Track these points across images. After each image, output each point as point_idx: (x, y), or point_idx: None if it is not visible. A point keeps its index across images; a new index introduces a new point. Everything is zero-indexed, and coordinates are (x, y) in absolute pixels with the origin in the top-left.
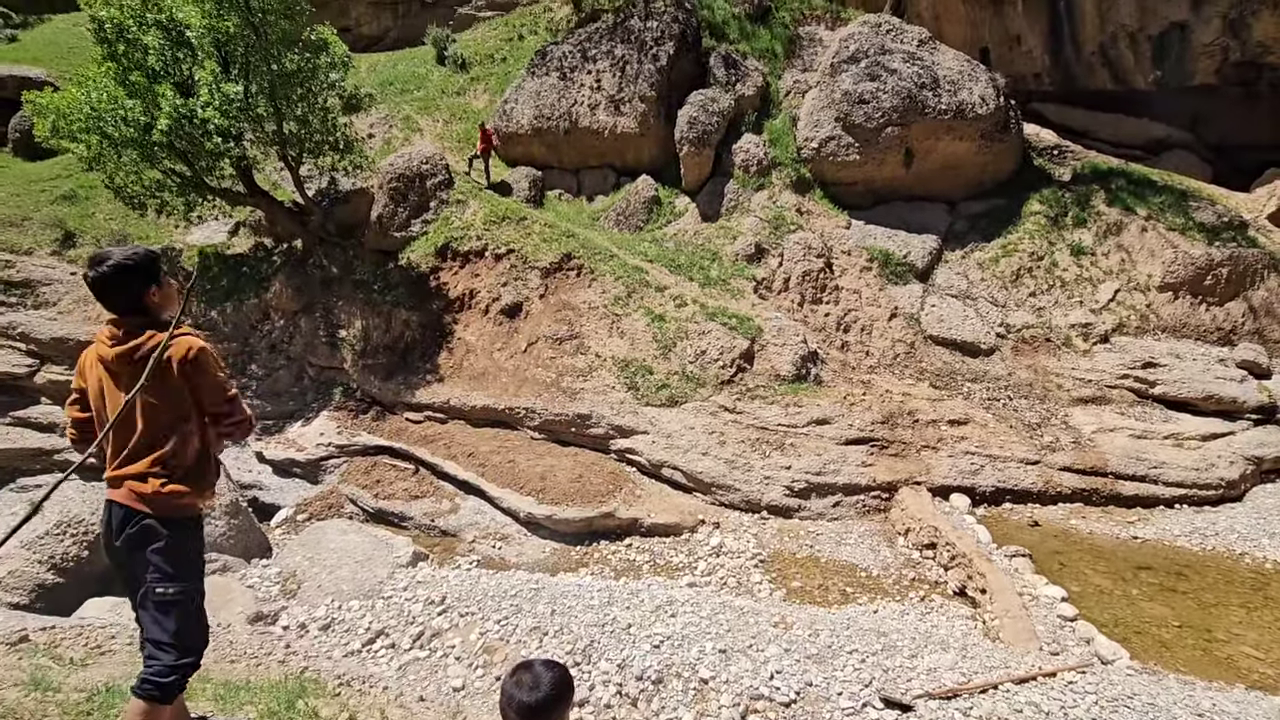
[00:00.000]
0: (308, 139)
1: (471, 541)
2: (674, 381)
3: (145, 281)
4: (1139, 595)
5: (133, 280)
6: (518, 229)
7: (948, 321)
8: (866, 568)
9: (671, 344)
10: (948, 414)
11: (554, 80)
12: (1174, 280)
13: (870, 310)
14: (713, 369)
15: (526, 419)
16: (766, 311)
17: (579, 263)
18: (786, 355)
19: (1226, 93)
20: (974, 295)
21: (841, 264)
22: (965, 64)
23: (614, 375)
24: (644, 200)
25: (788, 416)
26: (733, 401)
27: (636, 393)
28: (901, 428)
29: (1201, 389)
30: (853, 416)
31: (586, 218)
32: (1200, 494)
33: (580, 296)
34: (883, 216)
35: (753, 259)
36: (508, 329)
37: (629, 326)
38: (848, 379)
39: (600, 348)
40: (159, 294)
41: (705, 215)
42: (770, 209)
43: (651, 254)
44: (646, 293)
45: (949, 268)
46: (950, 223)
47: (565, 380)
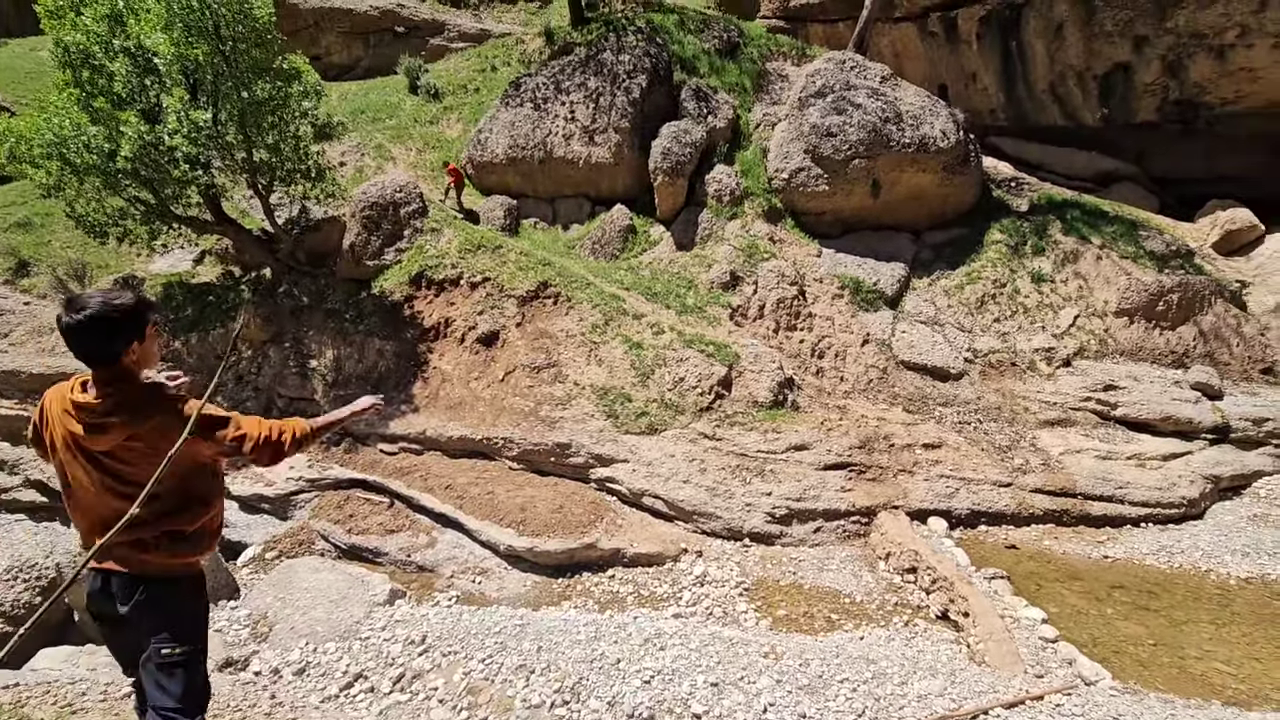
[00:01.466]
0: (279, 167)
1: (450, 576)
2: (653, 409)
3: (125, 337)
4: (1114, 614)
5: (110, 333)
6: (493, 257)
7: (918, 347)
8: (850, 593)
9: (650, 371)
10: (922, 438)
11: (528, 111)
12: (1129, 306)
13: (843, 336)
14: (691, 396)
15: (505, 449)
16: (743, 338)
17: (556, 291)
18: (764, 382)
19: (1167, 129)
20: (941, 321)
21: (814, 291)
22: (926, 99)
23: (593, 403)
24: (619, 229)
25: (767, 443)
26: (712, 428)
27: (616, 421)
28: (878, 452)
29: (1160, 410)
30: (830, 442)
31: (562, 246)
32: (1164, 513)
33: (558, 325)
34: (852, 245)
35: (728, 287)
36: (484, 358)
37: (607, 354)
38: (824, 404)
39: (579, 376)
40: (138, 350)
41: (680, 244)
42: (744, 238)
43: (628, 282)
44: (624, 320)
45: (917, 295)
46: (916, 251)
47: (544, 409)
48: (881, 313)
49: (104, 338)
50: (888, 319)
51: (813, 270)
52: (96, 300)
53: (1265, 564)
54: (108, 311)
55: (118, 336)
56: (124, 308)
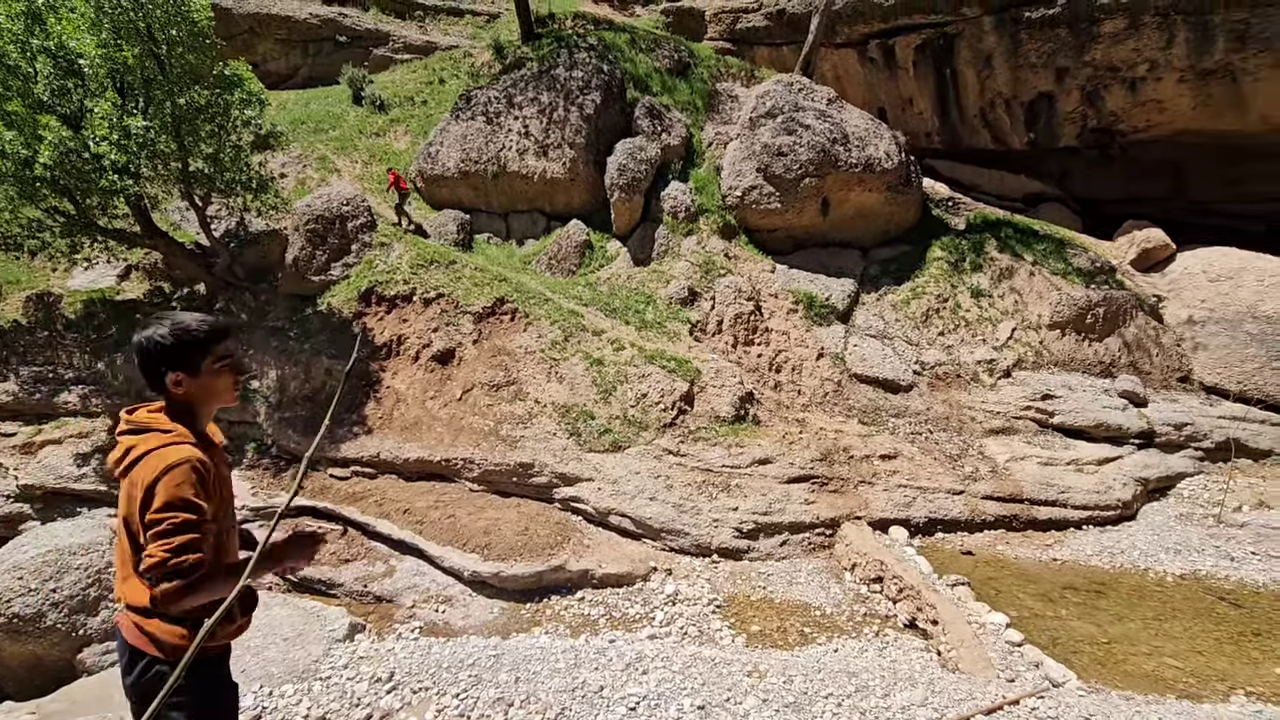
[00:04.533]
0: (218, 177)
1: (411, 606)
2: (616, 426)
3: (163, 365)
4: (1068, 615)
5: (149, 363)
6: (447, 273)
7: (869, 360)
8: (820, 605)
9: (612, 388)
10: (878, 449)
11: (480, 124)
12: (1060, 319)
13: (799, 350)
14: (654, 412)
15: (465, 470)
16: (703, 353)
17: (513, 307)
18: (725, 396)
19: (1087, 154)
20: (890, 335)
21: (770, 306)
22: (870, 122)
23: (555, 421)
24: (575, 244)
25: (731, 457)
26: (676, 444)
27: (579, 439)
28: (838, 464)
29: (1093, 417)
30: (792, 455)
31: (518, 261)
32: (1102, 515)
33: (516, 341)
34: (804, 261)
35: (686, 302)
36: (440, 376)
37: (568, 371)
38: (783, 418)
39: (539, 393)
40: (188, 383)
41: (637, 259)
42: (700, 254)
43: (586, 298)
44: (584, 337)
45: (866, 309)
46: (864, 267)
47: (504, 428)
48: (834, 327)
49: (144, 364)
50: (840, 333)
51: (768, 286)
52: (151, 328)
53: (1195, 560)
54: (145, 343)
55: (152, 364)
56: (158, 340)
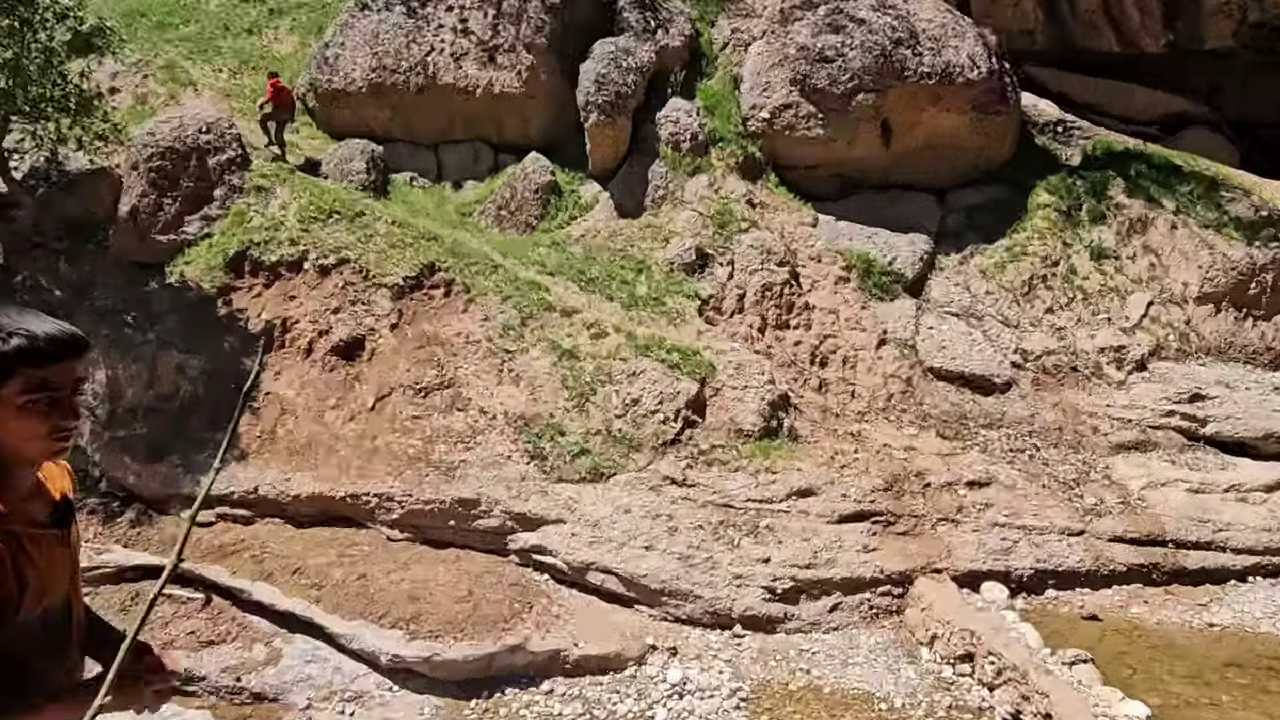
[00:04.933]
0: (18, 93)
1: (306, 709)
2: (596, 445)
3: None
4: (1231, 703)
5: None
6: (353, 229)
7: (951, 349)
8: (886, 695)
9: (589, 391)
10: (965, 473)
11: (398, 18)
12: (1213, 290)
13: (852, 336)
14: (650, 425)
15: (381, 510)
16: (718, 341)
17: (448, 278)
18: (750, 402)
19: (1245, 60)
20: (979, 313)
21: (810, 274)
22: (948, 15)
23: (509, 439)
24: (536, 188)
25: (759, 487)
26: (681, 470)
27: (544, 464)
28: (909, 495)
29: (1260, 427)
30: (845, 483)
31: (453, 212)
32: (1276, 561)
33: (453, 326)
34: (857, 210)
35: (693, 269)
36: (344, 376)
37: (527, 368)
38: (832, 430)
39: (486, 400)
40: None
41: (624, 209)
42: (712, 200)
43: (552, 263)
44: (549, 319)
45: (945, 277)
46: (942, 218)
47: (437, 450)
48: (901, 302)
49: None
50: (909, 311)
51: (807, 245)
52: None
53: None
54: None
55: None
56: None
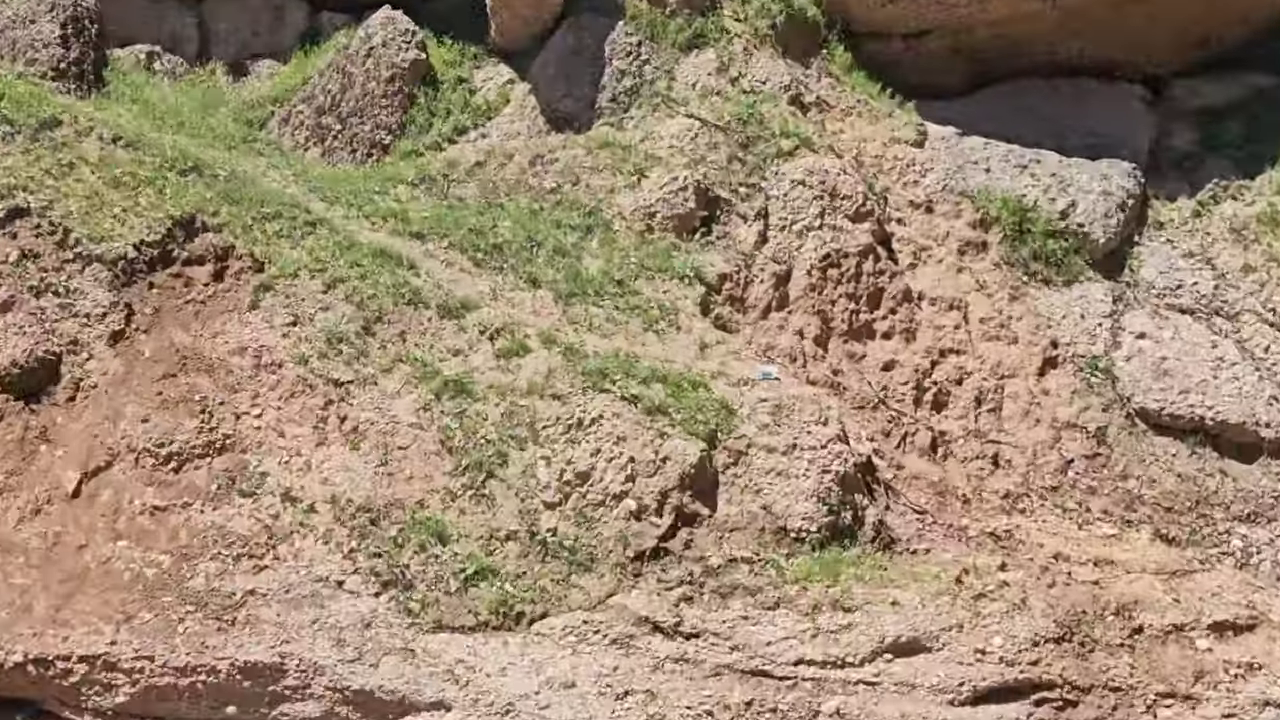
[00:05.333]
0: None
1: None
2: (508, 560)
3: None
4: None
5: None
6: (36, 153)
7: (1180, 375)
8: None
9: (494, 459)
10: (1208, 608)
11: None
12: None
13: (993, 351)
14: (612, 522)
15: (94, 687)
16: (738, 362)
17: (221, 243)
18: (801, 476)
19: None
20: (1233, 308)
21: (914, 235)
22: None
23: (340, 551)
24: (391, 73)
25: (820, 639)
26: (671, 606)
27: (407, 596)
28: (1104, 649)
29: None
30: (983, 628)
31: (230, 120)
32: None
33: (231, 336)
34: (999, 117)
35: (692, 228)
36: (20, 433)
37: (374, 414)
38: (957, 529)
39: (296, 476)
40: None
41: (557, 114)
42: (727, 98)
43: (422, 217)
44: (415, 321)
45: (1167, 241)
46: (1158, 129)
47: (202, 571)
48: (1084, 288)
49: None
50: (1099, 302)
51: (906, 179)
52: None
53: None
54: None
55: None
56: None
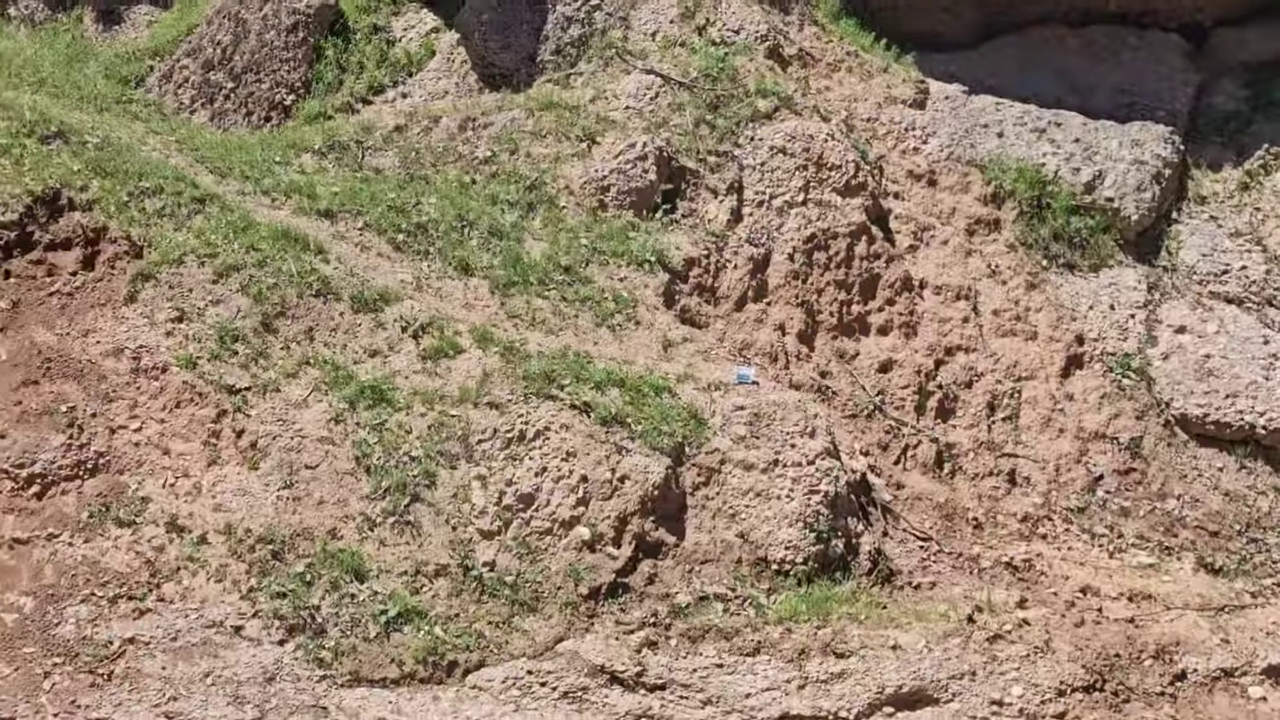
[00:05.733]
0: None
1: None
2: (438, 600)
3: None
4: None
5: None
6: None
7: (1225, 375)
8: None
9: (420, 479)
10: (1260, 650)
11: None
12: None
13: (1009, 348)
14: (560, 553)
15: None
16: (709, 363)
17: (91, 223)
18: (785, 498)
19: None
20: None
21: (914, 211)
22: None
23: (238, 589)
24: (294, 20)
25: (806, 692)
26: (630, 653)
27: (319, 644)
28: (1139, 699)
29: None
30: (1000, 674)
31: (99, 76)
32: None
33: (104, 334)
34: (1013, 70)
35: (649, 202)
36: None
37: (276, 426)
38: (967, 558)
39: (183, 501)
40: None
41: (490, 68)
42: (694, 49)
43: (331, 191)
44: (324, 315)
45: (1210, 218)
46: (1199, 88)
47: (71, 616)
48: (1115, 274)
49: None
50: (1133, 290)
51: (905, 148)
52: None
53: None
54: None
55: None
56: None
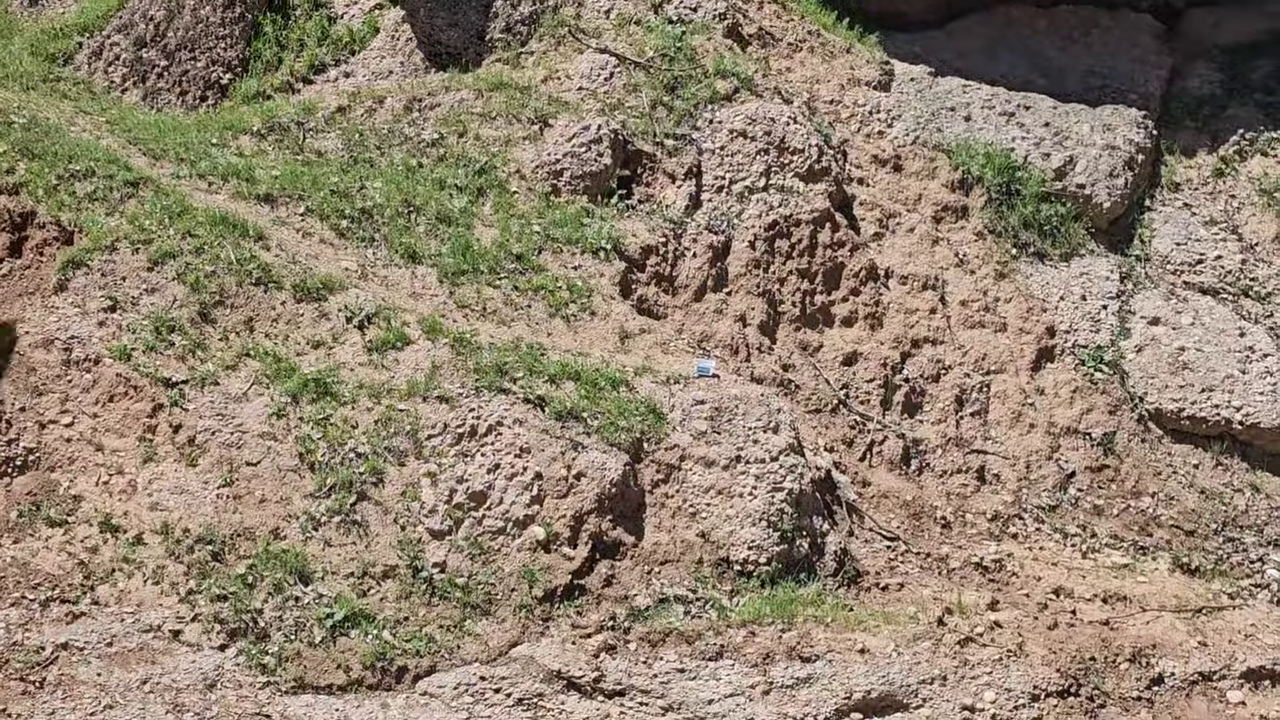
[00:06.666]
0: None
1: None
2: (386, 604)
3: None
4: None
5: None
6: None
7: (1200, 368)
8: None
9: (366, 476)
10: (1239, 653)
11: None
12: None
13: (977, 340)
14: (514, 554)
15: None
16: (667, 355)
17: (18, 208)
18: (747, 496)
19: None
20: (1265, 287)
21: (878, 197)
22: None
23: (175, 591)
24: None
25: (771, 698)
26: (587, 658)
27: (261, 649)
28: (1115, 704)
29: None
30: (971, 679)
31: (25, 53)
32: None
33: (31, 324)
34: (981, 51)
35: (603, 189)
36: None
37: (215, 422)
38: (937, 558)
39: (116, 500)
40: None
41: (437, 46)
42: (650, 27)
43: (271, 175)
44: (265, 305)
45: (1184, 204)
46: (1171, 67)
47: (0, 620)
48: (1085, 263)
49: None
50: (1105, 280)
51: (869, 131)
52: None
53: None
54: None
55: None
56: None
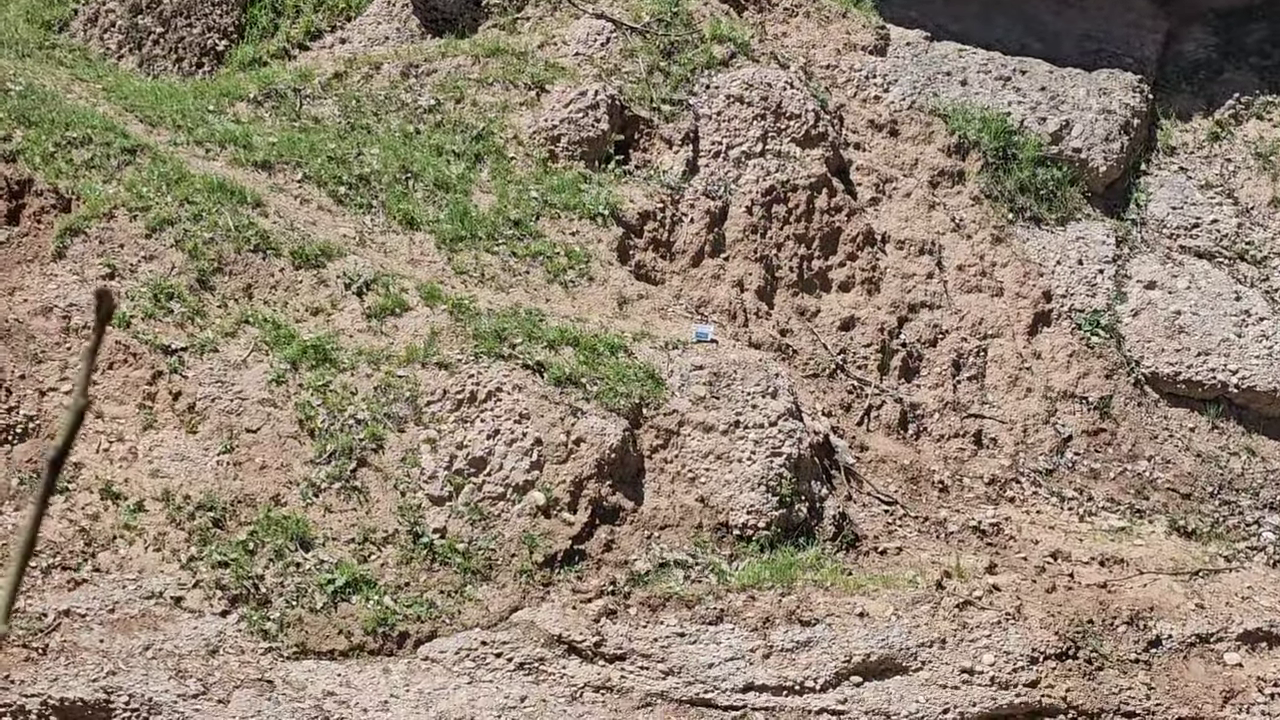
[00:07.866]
0: None
1: None
2: (386, 570)
3: None
4: None
5: None
6: None
7: (1196, 332)
8: None
9: (366, 443)
10: (1235, 615)
11: None
12: None
13: (974, 304)
14: (513, 520)
15: None
16: (665, 321)
17: (15, 175)
18: (746, 460)
19: None
20: (1261, 250)
21: (875, 162)
22: None
23: (178, 558)
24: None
25: (771, 662)
26: (587, 623)
27: (262, 614)
28: (1113, 666)
29: None
30: (970, 642)
31: (21, 20)
32: None
33: (31, 293)
34: (977, 15)
35: (601, 154)
36: None
37: (214, 388)
38: (934, 521)
39: (118, 467)
40: None
41: (435, 10)
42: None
43: (268, 143)
44: (263, 271)
45: (1179, 168)
46: (1167, 32)
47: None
48: (1082, 227)
49: None
50: (1101, 244)
51: (865, 96)
52: None
53: None
54: None
55: None
56: None
